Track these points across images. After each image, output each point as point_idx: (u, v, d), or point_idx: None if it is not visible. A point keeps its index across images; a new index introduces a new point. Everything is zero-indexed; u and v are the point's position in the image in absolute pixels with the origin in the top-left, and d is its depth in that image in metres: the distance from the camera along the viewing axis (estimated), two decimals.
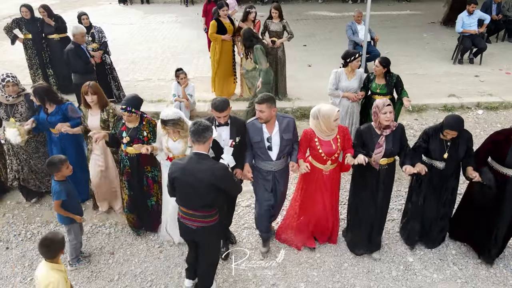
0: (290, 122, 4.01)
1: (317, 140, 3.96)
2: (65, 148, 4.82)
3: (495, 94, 7.83)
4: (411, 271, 4.24)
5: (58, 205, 3.92)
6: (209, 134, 3.29)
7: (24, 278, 4.25)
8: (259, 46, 6.36)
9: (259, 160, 4.10)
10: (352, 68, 5.42)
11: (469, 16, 9.09)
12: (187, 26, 13.44)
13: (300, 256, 4.45)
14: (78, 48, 6.40)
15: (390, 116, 3.82)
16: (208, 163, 3.29)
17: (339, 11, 15.32)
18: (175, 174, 3.31)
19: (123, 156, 4.35)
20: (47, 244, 2.97)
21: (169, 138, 4.08)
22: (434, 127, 4.08)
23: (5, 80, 4.61)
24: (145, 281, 4.19)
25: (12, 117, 4.69)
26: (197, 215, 3.40)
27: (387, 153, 3.93)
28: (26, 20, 7.68)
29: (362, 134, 4.03)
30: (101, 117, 4.54)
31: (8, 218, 5.11)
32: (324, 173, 4.10)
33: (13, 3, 18.00)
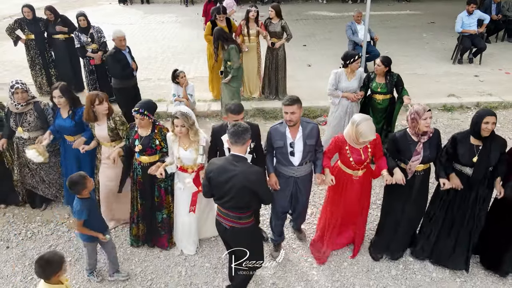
0: (314, 128, 3.92)
1: (348, 148, 3.87)
2: (79, 156, 4.64)
3: (495, 94, 7.85)
4: (410, 270, 4.25)
5: (80, 225, 3.72)
6: (247, 136, 3.26)
7: (24, 277, 4.26)
8: (233, 46, 6.51)
9: (280, 165, 4.02)
10: (352, 69, 5.43)
11: (469, 16, 9.11)
12: (187, 26, 13.46)
13: (300, 256, 4.46)
14: (118, 52, 6.19)
15: (430, 121, 3.71)
16: (243, 165, 3.25)
17: (339, 11, 15.34)
18: (211, 174, 3.30)
19: (136, 165, 4.25)
20: (41, 264, 2.81)
21: (180, 147, 4.01)
22: (463, 132, 3.92)
23: (14, 86, 4.45)
24: (145, 280, 4.20)
25: (20, 127, 4.57)
26: (230, 215, 3.37)
27: (425, 159, 3.84)
28: (28, 20, 7.64)
29: (398, 141, 3.90)
30: (108, 126, 4.37)
31: (8, 217, 5.11)
32: (354, 178, 4.03)
33: (13, 3, 18.01)
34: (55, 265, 2.83)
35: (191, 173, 4.11)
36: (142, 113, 3.99)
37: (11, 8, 16.79)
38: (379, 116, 5.62)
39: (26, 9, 7.59)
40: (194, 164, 4.10)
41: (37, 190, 5.03)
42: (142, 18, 15.07)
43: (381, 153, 4.01)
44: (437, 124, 7.02)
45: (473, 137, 3.80)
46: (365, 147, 3.89)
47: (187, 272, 4.28)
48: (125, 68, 6.24)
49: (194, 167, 4.12)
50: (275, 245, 4.45)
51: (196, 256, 4.46)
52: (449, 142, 3.98)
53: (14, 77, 8.96)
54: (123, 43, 6.21)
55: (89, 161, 4.75)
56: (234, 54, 6.48)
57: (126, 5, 17.56)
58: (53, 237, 4.78)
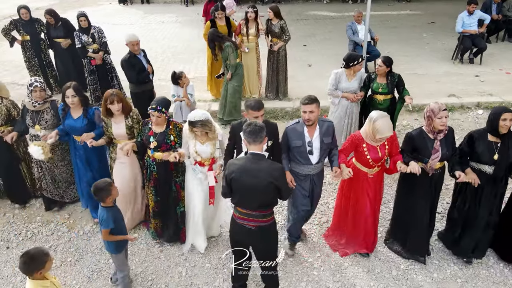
0: (330, 126, 3.97)
1: (366, 145, 3.90)
2: (88, 156, 4.64)
3: (495, 94, 7.84)
4: (411, 271, 4.25)
5: (107, 233, 3.65)
6: (264, 134, 3.29)
7: (24, 278, 4.23)
8: (229, 44, 6.52)
9: (296, 165, 4.03)
10: (354, 71, 5.43)
11: (469, 16, 9.10)
12: (187, 26, 13.45)
13: (301, 256, 4.45)
14: (133, 57, 6.04)
15: (445, 120, 3.72)
16: (266, 163, 3.30)
17: (339, 11, 15.32)
18: (233, 175, 3.28)
19: (150, 162, 4.24)
20: (25, 260, 2.80)
21: (196, 142, 4.04)
22: (479, 130, 3.93)
23: (32, 85, 4.46)
24: (146, 280, 4.20)
25: (38, 124, 4.57)
26: (255, 215, 3.35)
27: (443, 157, 3.86)
28: (24, 21, 7.60)
29: (414, 139, 3.92)
30: (126, 124, 4.36)
31: (8, 217, 5.11)
32: (369, 176, 4.05)
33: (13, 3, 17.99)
34: (38, 262, 2.81)
35: (206, 166, 4.16)
36: (159, 110, 4.00)
37: (11, 8, 16.76)
38: None
39: (24, 11, 7.56)
40: (210, 157, 4.15)
41: (46, 192, 4.97)
42: (142, 18, 15.06)
43: (397, 151, 4.03)
44: None
45: (490, 134, 3.83)
46: (382, 145, 3.91)
47: (187, 272, 4.27)
48: (140, 73, 6.10)
49: (209, 160, 4.17)
50: (291, 244, 4.47)
51: (196, 257, 4.45)
52: (465, 140, 4.01)
53: (13, 77, 8.99)
54: (136, 48, 6.01)
55: (97, 163, 4.72)
56: (230, 51, 6.50)
57: (126, 5, 17.54)
58: (53, 237, 4.78)
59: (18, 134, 4.70)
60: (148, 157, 4.26)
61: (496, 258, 4.35)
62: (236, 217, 3.45)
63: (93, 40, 7.21)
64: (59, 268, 4.34)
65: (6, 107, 4.75)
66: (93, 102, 7.47)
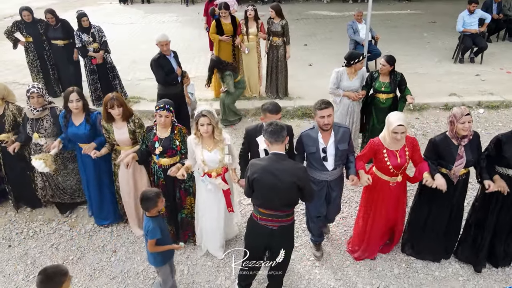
0: (345, 132, 3.87)
1: (385, 152, 3.79)
2: (96, 163, 4.50)
3: (496, 93, 7.84)
4: (413, 269, 4.25)
5: (153, 244, 3.50)
6: (285, 133, 3.27)
7: (26, 276, 4.26)
8: (229, 73, 6.61)
9: (313, 170, 3.94)
10: (355, 69, 5.42)
11: (470, 15, 9.09)
12: (188, 26, 13.45)
13: (302, 254, 4.46)
14: (162, 58, 5.91)
15: (468, 126, 3.60)
16: (289, 163, 3.28)
17: (339, 10, 15.32)
18: (256, 175, 3.26)
19: (157, 168, 4.14)
20: (41, 279, 2.64)
21: (203, 149, 3.89)
22: (508, 133, 3.79)
23: (30, 91, 4.34)
24: (148, 278, 4.20)
25: (36, 133, 4.46)
26: (277, 215, 3.33)
27: (468, 163, 3.75)
28: (26, 23, 7.50)
29: (438, 145, 3.80)
30: (129, 128, 4.25)
31: (10, 216, 5.11)
32: (391, 184, 3.93)
33: (14, 3, 18.01)
34: (55, 282, 2.67)
35: (216, 177, 3.99)
36: (168, 109, 3.90)
37: (12, 8, 16.78)
38: (382, 116, 5.53)
39: (26, 13, 7.43)
40: (219, 167, 4.00)
41: (55, 198, 4.90)
42: (143, 17, 15.06)
43: (420, 158, 3.91)
44: (438, 124, 7.01)
45: None
46: (402, 150, 3.79)
47: (189, 270, 4.28)
48: (169, 74, 5.98)
49: (219, 170, 4.01)
50: (316, 245, 4.45)
51: (198, 255, 4.45)
52: (491, 144, 3.86)
53: (15, 76, 8.97)
54: (165, 48, 5.86)
55: (107, 168, 4.64)
56: (229, 81, 6.60)
57: (126, 4, 17.55)
58: (55, 235, 4.78)
59: (20, 144, 4.59)
60: (154, 164, 4.17)
61: None
62: (258, 219, 3.39)
63: (94, 40, 7.21)
64: None
65: (12, 113, 4.67)
66: (93, 101, 7.47)
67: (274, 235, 3.38)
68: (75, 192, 4.95)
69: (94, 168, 4.58)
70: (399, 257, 4.40)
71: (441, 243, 4.21)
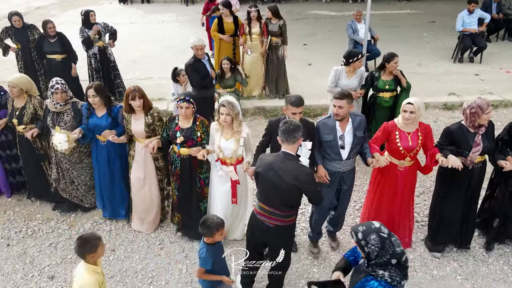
0: (362, 120, 3.95)
1: (398, 133, 3.93)
2: (110, 156, 4.65)
3: (495, 93, 7.85)
4: (411, 268, 4.24)
5: (202, 272, 3.44)
6: (299, 135, 3.22)
7: (25, 275, 4.26)
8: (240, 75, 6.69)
9: (327, 160, 3.98)
10: (354, 68, 5.42)
11: (469, 15, 9.10)
12: (187, 25, 13.45)
13: (301, 253, 4.46)
14: (197, 62, 5.94)
15: (491, 115, 3.76)
16: (294, 164, 3.23)
17: (339, 10, 15.33)
18: (259, 169, 3.29)
19: (175, 157, 4.27)
20: (78, 243, 2.93)
21: (221, 137, 4.07)
22: None
23: (54, 87, 4.43)
24: (146, 277, 4.20)
25: (57, 126, 4.51)
26: (276, 213, 3.32)
27: (484, 150, 3.86)
28: (16, 29, 7.02)
29: (454, 133, 3.92)
30: (146, 121, 4.34)
31: (9, 215, 5.12)
32: (399, 168, 4.04)
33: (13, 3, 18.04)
34: (90, 245, 2.92)
35: (229, 166, 4.15)
36: (188, 101, 4.02)
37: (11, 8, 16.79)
38: (384, 115, 5.50)
39: (17, 18, 6.96)
40: (233, 157, 4.14)
41: (65, 193, 4.94)
42: (143, 17, 15.07)
43: (432, 145, 4.01)
44: (438, 123, 7.02)
45: None
46: (415, 134, 3.91)
47: (187, 269, 4.28)
48: (204, 78, 5.98)
49: (233, 160, 4.15)
50: (314, 242, 4.48)
51: (196, 254, 4.43)
52: (505, 130, 4.05)
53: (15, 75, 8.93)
54: (200, 52, 5.89)
55: (119, 163, 4.71)
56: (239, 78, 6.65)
57: (126, 4, 17.54)
58: (53, 235, 4.79)
59: (38, 131, 4.67)
60: (174, 153, 4.29)
61: (496, 256, 4.36)
62: (257, 213, 3.43)
63: (99, 37, 7.19)
64: (60, 265, 4.35)
65: (34, 106, 4.77)
66: None
67: (270, 232, 3.39)
68: (87, 194, 4.97)
69: (107, 162, 4.68)
70: None
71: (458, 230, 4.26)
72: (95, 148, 4.70)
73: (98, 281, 2.95)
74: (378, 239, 2.50)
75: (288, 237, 3.56)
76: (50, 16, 14.97)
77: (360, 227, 2.60)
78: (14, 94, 4.71)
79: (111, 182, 4.77)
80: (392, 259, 2.50)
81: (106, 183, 4.77)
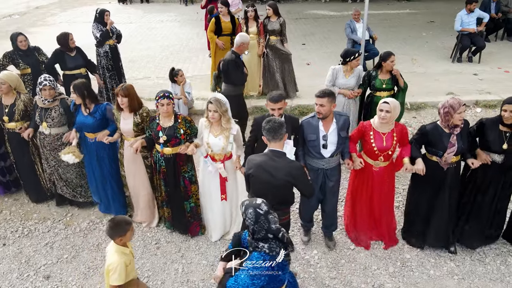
0: (346, 120, 3.97)
1: (372, 133, 3.93)
2: (99, 154, 4.67)
3: (494, 92, 7.82)
4: (408, 268, 4.24)
5: None
6: (284, 131, 3.27)
7: (20, 275, 4.25)
8: None
9: (310, 158, 4.04)
10: (351, 67, 5.41)
11: (468, 14, 9.08)
12: (186, 25, 13.46)
13: (297, 253, 4.45)
14: (238, 58, 5.87)
15: (463, 116, 3.75)
16: (284, 161, 3.27)
17: (338, 10, 15.33)
18: (251, 171, 3.30)
19: (159, 157, 4.26)
20: (110, 225, 3.14)
21: (210, 134, 4.09)
22: (492, 118, 3.96)
23: (42, 83, 4.45)
24: (142, 277, 4.19)
25: (45, 122, 4.58)
26: None
27: (459, 150, 3.87)
28: (22, 52, 6.03)
29: (428, 133, 3.93)
30: (134, 120, 4.35)
31: (5, 214, 5.11)
32: (374, 169, 4.05)
33: (13, 3, 18.05)
34: (120, 229, 3.11)
35: (217, 162, 4.18)
36: (167, 97, 4.00)
37: (10, 8, 16.81)
38: None
39: (22, 38, 5.96)
40: (222, 153, 4.16)
41: (57, 189, 5.00)
42: (142, 17, 15.07)
43: (406, 142, 4.02)
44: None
45: (501, 124, 3.86)
46: (390, 134, 3.91)
47: (183, 269, 4.27)
48: (243, 74, 5.96)
49: (221, 156, 4.18)
50: (305, 230, 4.54)
51: (193, 253, 4.45)
52: (474, 126, 4.03)
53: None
54: (243, 49, 5.91)
55: (108, 161, 4.73)
56: None
57: (125, 4, 17.56)
58: (49, 234, 4.78)
59: (33, 130, 4.72)
60: (157, 152, 4.28)
61: (493, 255, 4.35)
62: None
63: (111, 36, 7.12)
64: (55, 265, 4.34)
65: (23, 103, 4.79)
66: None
67: None
68: (77, 189, 4.99)
69: (97, 159, 4.71)
70: (394, 255, 4.39)
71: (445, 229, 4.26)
72: (84, 145, 4.71)
73: (125, 261, 3.14)
74: (253, 214, 2.67)
75: None
76: (50, 16, 14.99)
77: (246, 201, 2.79)
78: (3, 91, 4.72)
79: (102, 178, 4.80)
80: (268, 234, 2.67)
81: (98, 179, 4.81)
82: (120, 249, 3.15)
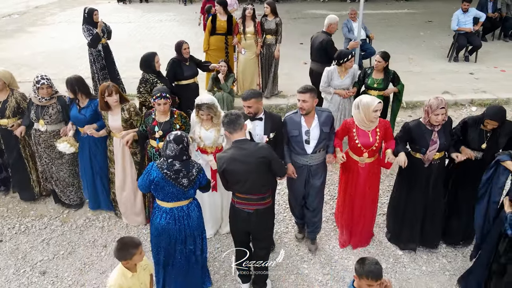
0: (328, 115, 4.01)
1: (355, 130, 3.97)
2: (93, 150, 4.72)
3: (489, 91, 7.87)
4: (400, 264, 4.28)
5: None
6: (242, 121, 3.41)
7: (17, 270, 4.29)
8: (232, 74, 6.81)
9: (294, 154, 4.09)
10: (346, 68, 5.46)
11: (465, 14, 9.13)
12: (185, 25, 13.49)
13: (291, 249, 4.49)
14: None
15: (441, 118, 3.77)
16: (250, 145, 3.42)
17: (337, 10, 15.30)
18: (224, 166, 3.37)
19: (154, 152, 4.28)
20: (116, 246, 2.97)
21: (202, 127, 4.17)
22: (474, 117, 4.01)
23: (39, 82, 4.47)
24: None
25: (42, 119, 4.60)
26: (253, 199, 3.46)
27: (441, 147, 3.91)
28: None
29: (411, 130, 3.98)
30: (122, 116, 4.39)
31: (2, 211, 5.15)
32: (360, 165, 4.08)
33: (12, 2, 18.09)
34: (126, 253, 2.94)
35: (209, 154, 4.25)
36: (165, 97, 4.04)
37: (10, 7, 16.85)
38: None
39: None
40: (214, 146, 4.24)
41: (51, 185, 5.04)
42: (141, 16, 15.10)
43: (391, 137, 4.08)
44: None
45: (482, 124, 3.91)
46: (373, 131, 3.95)
47: None
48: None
49: (213, 149, 4.26)
50: (299, 227, 4.60)
51: None
52: (458, 125, 4.11)
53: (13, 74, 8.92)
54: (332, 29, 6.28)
55: (101, 156, 4.77)
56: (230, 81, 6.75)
57: (124, 3, 17.59)
58: (46, 231, 4.82)
59: (25, 128, 4.74)
60: (152, 148, 4.30)
61: None
62: (235, 203, 3.54)
63: (103, 35, 7.19)
64: (51, 261, 4.39)
65: (16, 100, 4.80)
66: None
67: (251, 218, 3.50)
68: (68, 188, 4.99)
69: (89, 155, 4.75)
70: (387, 251, 4.43)
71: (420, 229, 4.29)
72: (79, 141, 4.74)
73: (121, 284, 2.99)
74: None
75: (267, 220, 3.69)
76: (50, 16, 15.03)
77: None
78: None
79: (92, 174, 4.84)
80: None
81: (89, 175, 4.85)
82: (122, 271, 3.01)
